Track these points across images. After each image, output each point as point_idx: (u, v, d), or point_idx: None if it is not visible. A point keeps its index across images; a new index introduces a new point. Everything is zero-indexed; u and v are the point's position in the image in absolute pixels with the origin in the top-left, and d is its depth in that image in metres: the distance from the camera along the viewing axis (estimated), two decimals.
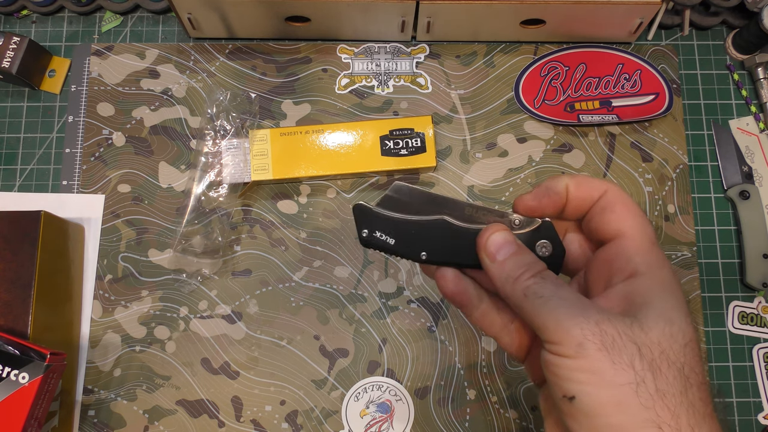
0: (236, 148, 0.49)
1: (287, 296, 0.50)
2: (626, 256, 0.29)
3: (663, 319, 0.27)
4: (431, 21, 0.50)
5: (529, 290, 0.28)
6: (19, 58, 0.50)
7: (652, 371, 0.26)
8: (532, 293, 0.28)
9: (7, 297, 0.43)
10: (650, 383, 0.25)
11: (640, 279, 0.28)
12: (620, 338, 0.26)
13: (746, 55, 0.54)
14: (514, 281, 0.29)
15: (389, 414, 0.48)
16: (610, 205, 0.30)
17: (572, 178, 0.31)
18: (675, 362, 0.26)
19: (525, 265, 0.30)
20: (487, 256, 0.31)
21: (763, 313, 0.51)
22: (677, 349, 0.26)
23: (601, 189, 0.30)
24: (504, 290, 0.30)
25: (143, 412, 0.48)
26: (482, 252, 0.31)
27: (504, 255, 0.30)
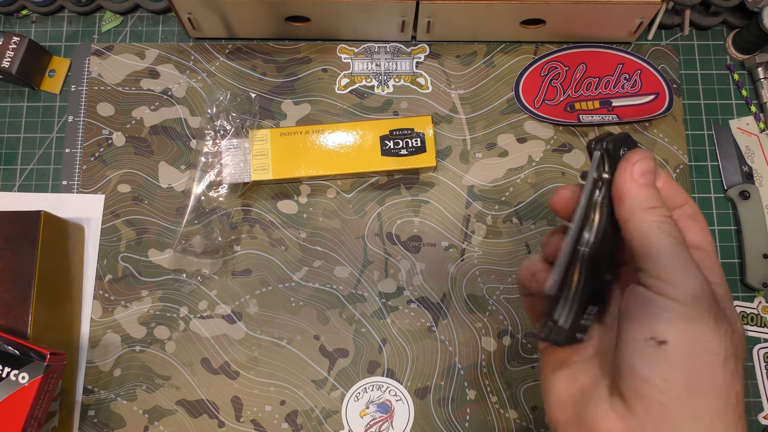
0: (236, 148, 0.49)
1: (287, 296, 0.50)
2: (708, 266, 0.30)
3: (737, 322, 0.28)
4: (431, 21, 0.50)
5: (664, 226, 0.29)
6: (19, 58, 0.50)
7: (735, 355, 0.27)
8: (666, 230, 0.28)
9: (7, 297, 0.43)
10: (733, 363, 0.26)
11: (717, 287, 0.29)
12: (722, 313, 0.27)
13: (746, 55, 0.54)
14: (649, 209, 0.29)
15: (389, 414, 0.48)
16: (695, 217, 0.32)
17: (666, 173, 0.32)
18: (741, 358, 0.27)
19: (662, 203, 0.30)
20: (631, 174, 0.30)
21: (763, 313, 0.51)
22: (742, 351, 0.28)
23: (685, 198, 0.32)
24: (633, 210, 0.29)
25: (143, 412, 0.48)
26: (628, 168, 0.30)
27: (646, 181, 0.30)
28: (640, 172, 0.30)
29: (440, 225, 0.51)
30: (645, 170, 0.30)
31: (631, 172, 0.30)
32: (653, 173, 0.30)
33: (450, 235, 0.51)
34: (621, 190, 0.30)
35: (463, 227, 0.51)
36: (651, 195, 0.30)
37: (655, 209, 0.29)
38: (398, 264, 0.50)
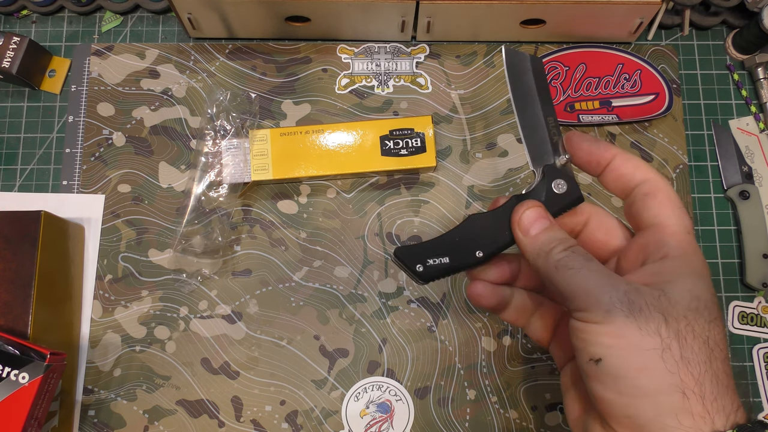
0: (236, 148, 0.49)
1: (287, 296, 0.50)
2: (661, 241, 0.30)
3: (690, 295, 0.28)
4: (431, 21, 0.50)
5: (560, 263, 0.30)
6: (19, 58, 0.50)
7: (678, 340, 0.26)
8: (563, 265, 0.29)
9: (7, 297, 0.43)
10: (675, 350, 0.26)
11: (672, 261, 0.29)
12: (647, 308, 0.27)
13: (746, 55, 0.54)
14: (546, 255, 0.30)
15: (389, 414, 0.48)
16: (652, 191, 0.31)
17: (623, 151, 0.33)
18: (700, 334, 0.27)
19: (557, 240, 0.31)
20: (520, 231, 0.32)
21: (763, 313, 0.51)
22: (702, 324, 0.27)
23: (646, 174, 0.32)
24: (536, 263, 0.31)
25: (143, 412, 0.48)
26: (516, 227, 0.32)
27: (537, 229, 0.32)
28: (528, 224, 0.32)
29: (440, 225, 0.51)
30: (531, 221, 0.32)
31: (520, 229, 0.32)
32: (542, 218, 0.32)
33: None
34: (519, 247, 0.32)
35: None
36: (543, 242, 0.31)
37: (551, 251, 0.30)
38: None
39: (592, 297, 0.28)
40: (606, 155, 0.33)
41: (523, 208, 0.32)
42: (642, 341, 0.27)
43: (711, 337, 0.27)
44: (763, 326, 0.50)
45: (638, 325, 0.27)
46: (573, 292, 0.29)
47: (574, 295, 0.29)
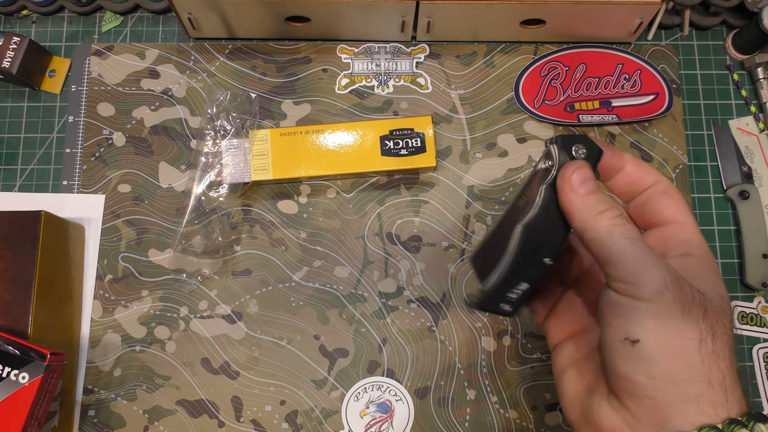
0: (236, 148, 0.49)
1: (287, 296, 0.50)
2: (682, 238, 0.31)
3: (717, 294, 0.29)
4: (431, 21, 0.50)
5: (616, 228, 0.29)
6: (19, 58, 0.50)
7: (712, 333, 0.27)
8: (619, 232, 0.29)
9: (7, 297, 0.43)
10: (709, 343, 0.27)
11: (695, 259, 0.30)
12: (692, 297, 0.28)
13: (746, 55, 0.54)
14: (598, 214, 0.30)
15: (389, 414, 0.48)
16: (668, 191, 0.32)
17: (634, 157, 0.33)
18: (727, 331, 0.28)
19: (609, 203, 0.30)
20: (570, 188, 0.31)
21: (763, 313, 0.51)
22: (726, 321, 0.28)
23: (656, 177, 0.33)
24: (584, 222, 0.30)
25: (143, 412, 0.48)
26: (566, 184, 0.31)
27: (587, 190, 0.31)
28: (578, 183, 0.31)
29: (440, 225, 0.51)
30: (582, 180, 0.31)
31: (570, 187, 0.31)
32: (591, 179, 0.31)
33: (450, 235, 0.51)
34: (567, 207, 0.31)
35: (463, 227, 0.51)
36: (594, 202, 0.30)
37: (604, 213, 0.30)
38: (398, 264, 0.50)
39: (646, 272, 0.28)
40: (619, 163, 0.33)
41: (572, 168, 0.31)
42: (683, 328, 0.27)
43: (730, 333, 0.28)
44: (763, 326, 0.50)
45: (683, 312, 0.27)
46: (625, 262, 0.28)
47: (626, 265, 0.28)
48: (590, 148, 0.32)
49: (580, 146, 0.32)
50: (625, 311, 0.28)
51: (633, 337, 0.28)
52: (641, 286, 0.28)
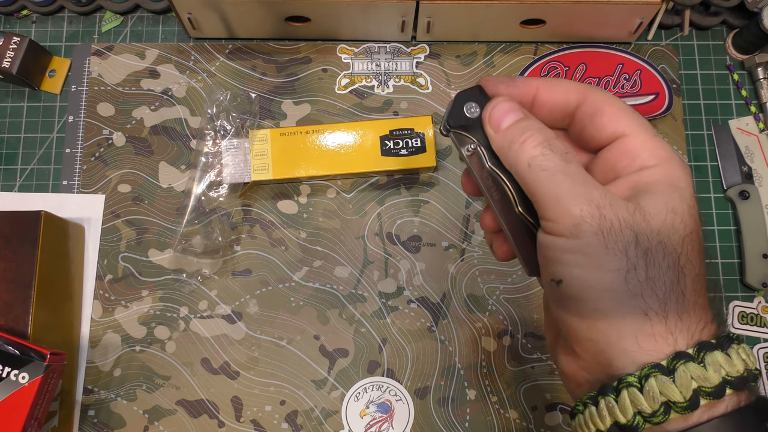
0: (236, 148, 0.49)
1: (287, 296, 0.50)
2: (632, 153, 0.27)
3: (666, 209, 0.25)
4: (431, 21, 0.50)
5: (534, 160, 0.26)
6: (19, 58, 0.50)
7: (645, 259, 0.25)
8: (536, 164, 0.26)
9: (7, 297, 0.43)
10: (641, 270, 0.24)
11: (649, 170, 0.27)
12: (618, 224, 0.25)
13: (746, 55, 0.54)
14: (518, 146, 0.27)
15: (389, 414, 0.48)
16: (597, 109, 0.28)
17: (543, 79, 0.29)
18: (672, 252, 0.25)
19: (531, 130, 0.27)
20: (491, 126, 0.28)
21: (763, 313, 0.51)
22: (676, 240, 0.25)
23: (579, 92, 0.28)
24: (507, 158, 0.28)
25: (143, 412, 0.48)
26: (487, 125, 0.28)
27: (509, 122, 0.28)
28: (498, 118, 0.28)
29: (440, 225, 0.51)
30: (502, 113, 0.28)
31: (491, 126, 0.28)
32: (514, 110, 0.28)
33: (450, 235, 0.51)
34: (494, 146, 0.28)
35: (463, 227, 0.51)
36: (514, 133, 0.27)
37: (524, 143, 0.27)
38: (398, 264, 0.50)
39: (562, 206, 0.25)
40: (528, 91, 0.29)
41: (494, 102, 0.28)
42: (606, 261, 0.25)
43: (683, 253, 0.25)
44: (763, 326, 0.50)
45: (606, 243, 0.25)
46: (543, 198, 0.26)
47: (544, 202, 0.26)
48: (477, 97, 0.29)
49: (471, 104, 0.29)
50: (547, 251, 0.26)
51: (556, 277, 0.26)
52: (559, 222, 0.25)
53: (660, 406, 0.23)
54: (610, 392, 0.25)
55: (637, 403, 0.24)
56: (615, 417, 0.24)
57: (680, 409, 0.23)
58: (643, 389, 0.24)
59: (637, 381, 0.24)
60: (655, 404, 0.23)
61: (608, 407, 0.25)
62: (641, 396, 0.24)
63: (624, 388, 0.24)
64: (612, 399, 0.25)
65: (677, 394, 0.23)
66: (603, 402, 0.25)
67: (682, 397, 0.23)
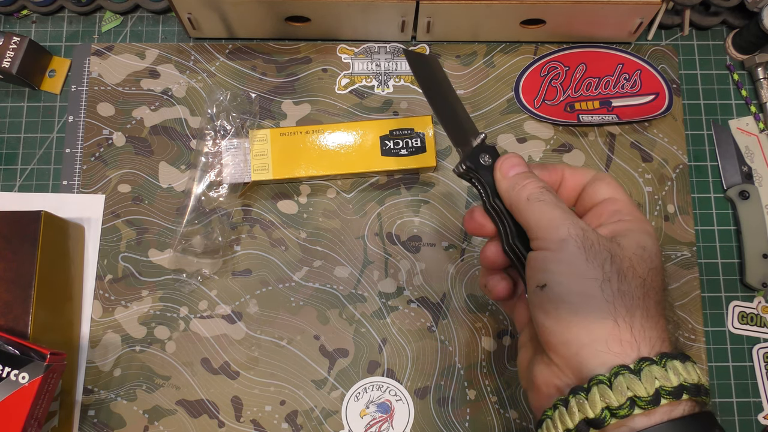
0: (236, 148, 0.49)
1: (287, 296, 0.50)
2: (615, 210, 0.33)
3: (638, 245, 0.31)
4: (431, 21, 0.50)
5: (533, 195, 0.32)
6: (19, 58, 0.50)
7: (618, 275, 0.29)
8: (534, 198, 0.32)
9: (7, 297, 0.43)
10: (614, 283, 0.29)
11: (624, 222, 0.32)
12: (598, 245, 0.30)
13: (746, 55, 0.54)
14: (520, 188, 0.33)
15: (389, 414, 0.48)
16: (600, 179, 0.35)
17: (567, 166, 0.37)
18: (640, 276, 0.30)
19: (532, 178, 0.33)
20: (501, 173, 0.34)
21: (763, 313, 0.51)
22: (644, 267, 0.30)
23: (591, 173, 0.36)
24: (509, 197, 0.33)
25: (143, 412, 0.48)
26: (497, 171, 0.35)
27: (515, 171, 0.34)
28: (507, 167, 0.34)
29: (440, 225, 0.51)
30: (511, 164, 0.34)
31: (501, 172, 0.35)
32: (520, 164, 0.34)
33: (450, 235, 0.51)
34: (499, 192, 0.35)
35: (463, 227, 0.51)
36: (518, 179, 0.33)
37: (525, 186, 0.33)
38: (398, 264, 0.50)
39: (553, 227, 0.31)
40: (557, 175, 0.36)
41: (505, 156, 0.35)
42: (586, 270, 0.29)
43: (648, 279, 0.30)
44: (763, 326, 0.50)
45: (586, 257, 0.29)
46: (537, 221, 0.31)
47: (538, 224, 0.31)
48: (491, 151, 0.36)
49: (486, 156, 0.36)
50: (535, 263, 0.31)
51: (541, 282, 0.30)
52: (548, 239, 0.30)
53: (626, 400, 0.26)
54: (581, 392, 0.28)
55: (606, 397, 0.27)
56: (584, 412, 0.27)
57: (644, 403, 0.26)
58: (612, 385, 0.27)
59: (607, 379, 0.27)
60: (622, 398, 0.26)
61: (578, 404, 0.28)
62: (610, 391, 0.27)
63: (594, 385, 0.27)
64: (582, 396, 0.28)
65: (642, 389, 0.26)
66: (573, 400, 0.28)
67: (646, 393, 0.26)
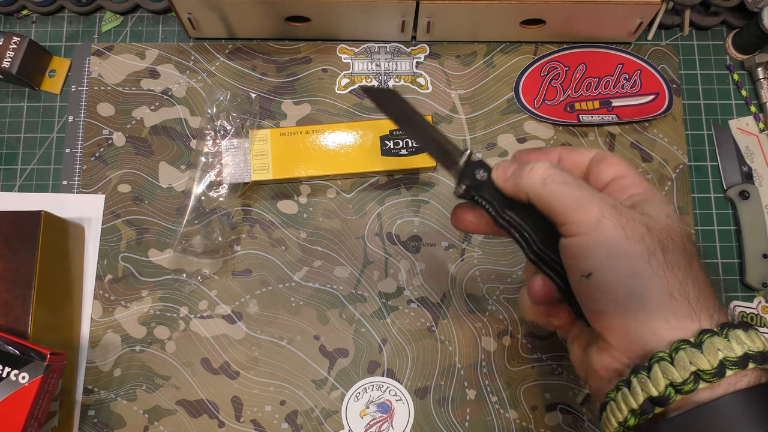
0: (236, 148, 0.49)
1: (287, 296, 0.50)
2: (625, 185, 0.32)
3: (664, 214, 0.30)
4: (431, 21, 0.50)
5: (549, 178, 0.30)
6: (19, 58, 0.50)
7: (661, 246, 0.28)
8: (551, 180, 0.30)
9: (7, 297, 0.43)
10: (660, 256, 0.28)
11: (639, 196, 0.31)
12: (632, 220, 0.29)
13: (746, 55, 0.54)
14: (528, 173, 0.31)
15: (389, 414, 0.48)
16: (603, 158, 0.33)
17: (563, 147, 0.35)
18: (678, 243, 0.29)
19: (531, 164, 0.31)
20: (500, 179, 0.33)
21: (763, 313, 0.51)
22: (678, 234, 0.29)
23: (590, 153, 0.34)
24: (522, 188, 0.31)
25: (143, 412, 0.48)
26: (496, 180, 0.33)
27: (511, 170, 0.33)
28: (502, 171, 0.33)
29: (440, 225, 0.51)
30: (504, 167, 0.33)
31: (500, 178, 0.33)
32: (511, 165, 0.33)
33: (450, 235, 0.51)
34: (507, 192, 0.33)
35: None
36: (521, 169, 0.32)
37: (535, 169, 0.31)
38: (398, 264, 0.50)
39: (583, 207, 0.29)
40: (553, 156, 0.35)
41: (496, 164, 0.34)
42: (629, 248, 0.28)
43: (687, 246, 0.29)
44: (763, 326, 0.50)
45: (625, 234, 0.28)
46: (563, 204, 0.30)
47: (565, 207, 0.30)
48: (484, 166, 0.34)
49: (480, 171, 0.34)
50: (574, 249, 0.29)
51: (586, 271, 0.29)
52: (581, 222, 0.29)
53: (690, 375, 0.25)
54: (642, 371, 0.27)
55: (669, 373, 0.26)
56: (648, 391, 0.26)
57: (708, 376, 0.25)
58: (674, 361, 0.26)
59: (667, 355, 0.26)
60: (686, 373, 0.25)
61: (641, 383, 0.27)
62: (672, 367, 0.26)
63: (656, 363, 0.26)
64: (644, 375, 0.27)
65: (705, 362, 0.25)
66: (635, 380, 0.27)
67: (710, 365, 0.25)
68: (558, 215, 0.30)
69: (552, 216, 0.31)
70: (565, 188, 0.30)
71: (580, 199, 0.29)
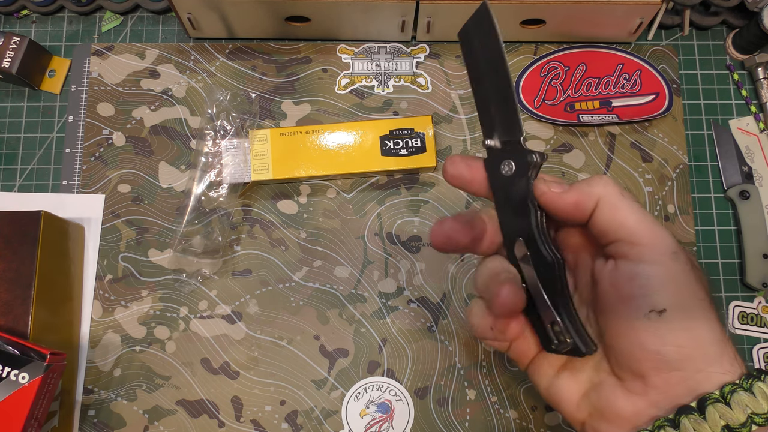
0: (236, 148, 0.49)
1: (287, 296, 0.50)
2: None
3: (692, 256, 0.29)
4: (431, 21, 0.50)
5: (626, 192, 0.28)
6: (19, 58, 0.50)
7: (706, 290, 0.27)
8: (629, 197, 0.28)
9: (7, 297, 0.43)
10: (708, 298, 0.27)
11: None
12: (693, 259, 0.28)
13: (746, 55, 0.54)
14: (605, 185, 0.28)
15: (389, 414, 0.48)
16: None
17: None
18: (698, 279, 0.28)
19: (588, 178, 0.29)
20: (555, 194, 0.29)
21: (763, 313, 0.51)
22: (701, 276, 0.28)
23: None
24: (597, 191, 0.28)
25: (143, 412, 0.48)
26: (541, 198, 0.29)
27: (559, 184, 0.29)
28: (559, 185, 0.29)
29: None
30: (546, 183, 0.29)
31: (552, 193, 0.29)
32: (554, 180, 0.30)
33: None
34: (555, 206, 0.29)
35: None
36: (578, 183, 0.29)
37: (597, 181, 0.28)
38: (398, 264, 0.50)
39: (658, 233, 0.27)
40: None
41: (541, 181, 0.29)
42: (697, 290, 0.27)
43: None
44: (763, 326, 0.50)
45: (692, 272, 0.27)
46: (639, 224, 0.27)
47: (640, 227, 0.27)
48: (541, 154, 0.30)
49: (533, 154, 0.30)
50: (644, 280, 0.27)
51: (659, 307, 0.26)
52: (655, 248, 0.27)
53: (746, 417, 0.25)
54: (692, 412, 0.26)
55: (727, 415, 0.25)
56: None
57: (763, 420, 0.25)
58: (730, 403, 0.25)
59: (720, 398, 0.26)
60: (743, 416, 0.25)
61: (694, 425, 0.25)
62: (729, 409, 0.25)
63: (710, 405, 0.25)
64: (696, 416, 0.26)
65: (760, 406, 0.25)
66: (686, 421, 0.26)
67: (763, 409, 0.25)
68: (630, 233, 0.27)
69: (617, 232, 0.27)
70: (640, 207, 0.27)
71: (654, 224, 0.27)
